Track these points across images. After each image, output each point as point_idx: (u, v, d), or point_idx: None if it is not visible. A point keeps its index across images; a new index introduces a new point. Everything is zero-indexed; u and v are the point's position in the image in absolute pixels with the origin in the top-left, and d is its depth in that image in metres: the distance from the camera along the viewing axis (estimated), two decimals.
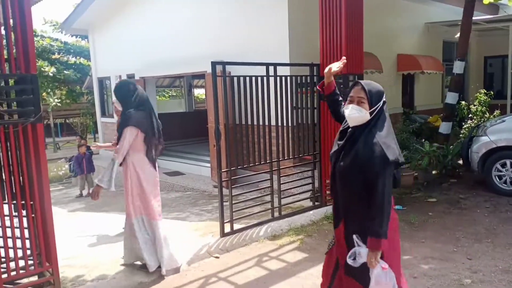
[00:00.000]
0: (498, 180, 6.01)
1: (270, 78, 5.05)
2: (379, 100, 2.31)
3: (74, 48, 17.83)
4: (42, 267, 3.19)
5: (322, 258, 2.78)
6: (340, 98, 2.71)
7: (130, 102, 3.68)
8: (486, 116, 8.04)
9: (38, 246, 3.17)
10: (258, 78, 4.98)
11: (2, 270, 3.00)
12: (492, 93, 8.49)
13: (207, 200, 7.06)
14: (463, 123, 8.30)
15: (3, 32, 3.00)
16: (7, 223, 3.08)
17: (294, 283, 3.66)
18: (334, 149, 2.44)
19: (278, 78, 5.12)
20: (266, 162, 5.21)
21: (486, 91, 8.40)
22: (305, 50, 6.80)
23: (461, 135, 7.81)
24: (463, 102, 8.65)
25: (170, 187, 8.45)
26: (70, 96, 17.21)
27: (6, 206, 3.11)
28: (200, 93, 20.50)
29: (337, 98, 2.70)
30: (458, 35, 8.01)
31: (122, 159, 3.67)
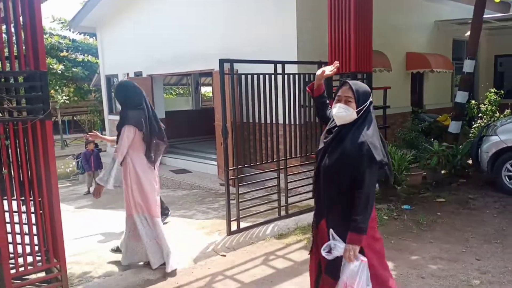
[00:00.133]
0: (508, 180, 5.95)
1: (278, 76, 5.03)
2: (366, 100, 2.38)
3: (82, 45, 17.94)
4: (49, 263, 3.21)
5: None
6: (327, 101, 2.80)
7: (128, 102, 3.75)
8: (496, 115, 7.96)
9: (46, 243, 3.19)
10: (266, 76, 4.96)
11: (11, 265, 3.03)
12: (502, 92, 8.40)
13: (214, 198, 7.06)
14: (473, 123, 8.23)
15: (13, 29, 3.02)
16: (16, 219, 3.10)
17: (301, 282, 3.64)
18: (320, 147, 2.51)
19: (286, 76, 5.10)
20: (273, 161, 5.20)
21: (496, 90, 8.31)
22: (313, 48, 6.76)
23: (470, 135, 7.73)
24: (473, 101, 8.55)
25: (176, 185, 8.47)
26: (78, 93, 17.34)
27: (14, 202, 3.13)
28: (207, 91, 20.54)
29: (324, 100, 2.79)
30: (468, 34, 7.92)
31: (122, 158, 3.70)
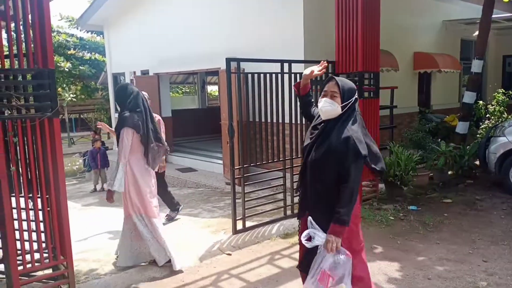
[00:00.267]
0: None
1: (284, 75, 5.02)
2: (351, 96, 2.46)
3: (89, 44, 18.02)
4: (56, 260, 3.23)
5: None
6: (312, 100, 2.87)
7: (126, 104, 3.78)
8: (504, 116, 7.88)
9: (53, 240, 3.21)
10: (273, 75, 4.95)
11: (18, 262, 3.05)
12: (510, 92, 8.32)
13: (219, 197, 7.07)
14: (481, 123, 8.15)
15: (22, 27, 3.04)
16: (23, 216, 3.13)
17: None
18: (306, 142, 2.59)
19: (293, 75, 5.09)
20: (279, 160, 5.19)
21: (504, 91, 8.24)
22: (320, 47, 6.73)
23: (478, 135, 7.65)
24: (481, 102, 8.48)
25: (182, 183, 8.48)
26: (85, 91, 17.42)
27: (22, 200, 3.16)
28: (213, 89, 20.55)
29: (310, 99, 2.85)
30: (476, 33, 7.85)
31: (125, 160, 3.71)
